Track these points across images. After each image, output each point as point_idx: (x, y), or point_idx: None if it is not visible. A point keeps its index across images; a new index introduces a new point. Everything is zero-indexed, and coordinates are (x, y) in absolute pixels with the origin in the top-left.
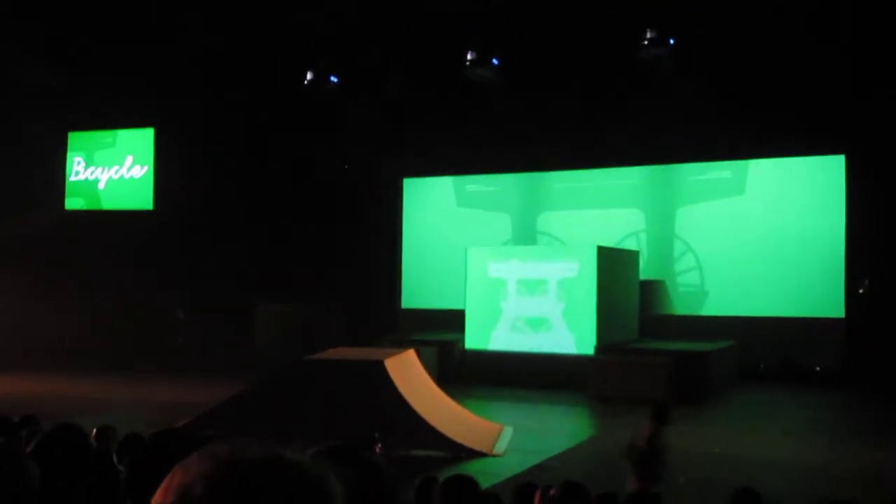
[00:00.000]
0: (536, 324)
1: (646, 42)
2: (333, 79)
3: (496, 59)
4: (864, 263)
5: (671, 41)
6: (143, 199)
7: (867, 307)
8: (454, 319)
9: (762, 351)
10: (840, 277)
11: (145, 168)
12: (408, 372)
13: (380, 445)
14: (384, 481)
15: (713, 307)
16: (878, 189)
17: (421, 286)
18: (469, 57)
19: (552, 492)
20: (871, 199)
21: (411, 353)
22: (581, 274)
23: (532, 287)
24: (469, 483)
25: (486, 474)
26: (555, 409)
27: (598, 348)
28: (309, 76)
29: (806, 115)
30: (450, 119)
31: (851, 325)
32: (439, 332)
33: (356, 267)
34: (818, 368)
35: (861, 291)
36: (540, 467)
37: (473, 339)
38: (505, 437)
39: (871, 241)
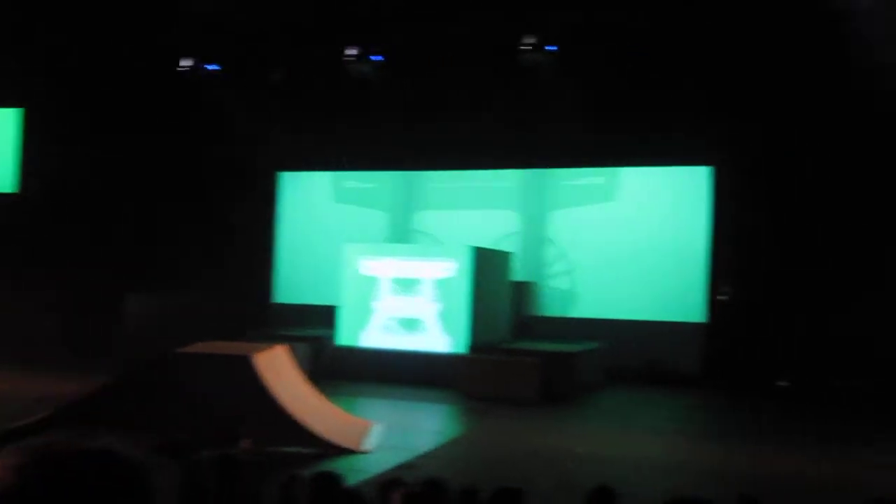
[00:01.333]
0: (410, 322)
1: (525, 47)
2: (212, 66)
3: (377, 55)
4: (725, 271)
5: (551, 48)
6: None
7: (727, 313)
8: (329, 316)
9: (628, 353)
10: (702, 284)
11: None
12: (277, 367)
13: (247, 441)
14: (242, 478)
15: (583, 309)
16: (740, 200)
17: (297, 281)
18: (349, 52)
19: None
20: (733, 210)
21: (281, 349)
22: (456, 273)
23: (406, 285)
24: (333, 480)
25: (354, 471)
26: (426, 407)
27: (470, 348)
28: (186, 63)
29: (677, 126)
30: (329, 114)
31: (712, 329)
32: (313, 328)
33: (230, 260)
34: (681, 371)
35: (721, 298)
36: (407, 465)
37: (346, 336)
38: (374, 435)
39: (732, 250)
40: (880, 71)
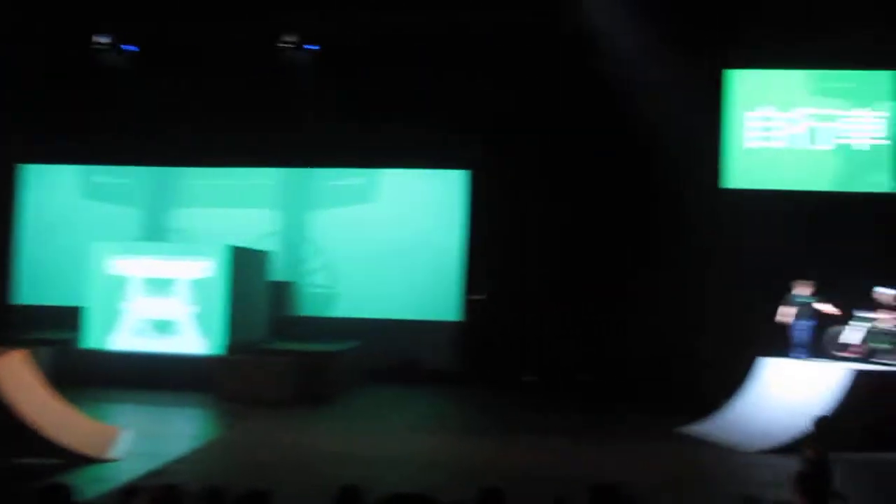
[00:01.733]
0: (163, 324)
1: (285, 45)
2: None
3: (130, 45)
4: (479, 271)
5: (311, 47)
6: None
7: (481, 312)
8: (76, 318)
9: (387, 352)
10: (459, 283)
11: None
12: (15, 374)
13: None
14: None
15: (342, 309)
16: (494, 203)
17: (41, 282)
18: (100, 40)
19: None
20: (488, 213)
21: (20, 354)
22: (212, 273)
23: (160, 285)
24: (62, 491)
25: (100, 480)
26: (180, 411)
27: (227, 349)
28: None
29: (436, 130)
30: (78, 105)
31: (468, 328)
32: (58, 330)
33: None
34: (438, 369)
35: (476, 297)
36: (157, 471)
37: (94, 339)
38: (122, 442)
39: (486, 250)
40: (621, 81)
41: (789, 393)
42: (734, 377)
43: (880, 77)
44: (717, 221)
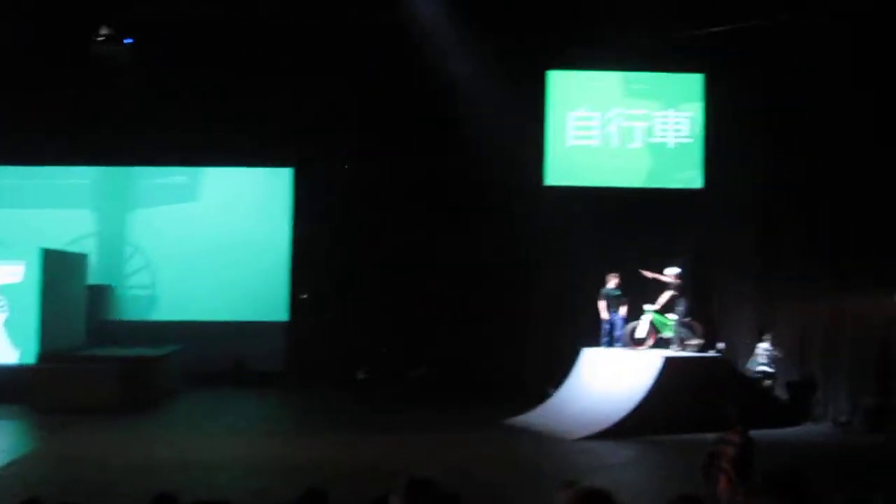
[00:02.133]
0: None
1: (101, 38)
2: None
3: None
4: (306, 270)
5: (128, 41)
6: None
7: (309, 311)
8: None
9: (211, 354)
10: (285, 283)
11: None
12: None
13: None
14: None
15: (165, 312)
16: (320, 202)
17: None
18: None
19: None
20: (314, 211)
21: None
22: (23, 277)
23: None
24: None
25: None
26: None
27: (41, 357)
28: None
29: (260, 127)
30: None
31: (295, 327)
32: None
33: None
34: (266, 370)
35: (303, 297)
36: None
37: None
38: None
39: (312, 249)
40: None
41: (609, 382)
42: (559, 368)
43: (687, 79)
44: (540, 217)
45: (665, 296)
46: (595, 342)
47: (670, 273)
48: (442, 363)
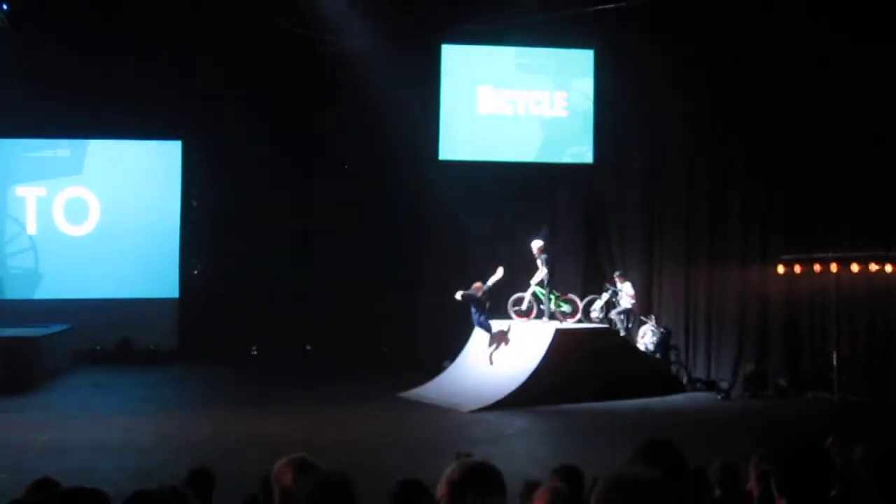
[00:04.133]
0: None
1: None
2: None
3: None
4: (197, 245)
5: (5, 7)
6: None
7: (199, 286)
8: None
9: (99, 333)
10: (175, 259)
11: None
12: None
13: None
14: None
15: (48, 290)
16: (211, 174)
17: None
18: None
19: None
20: (204, 184)
21: None
22: None
23: None
24: None
25: None
26: None
27: None
28: None
29: (147, 99)
30: None
31: (185, 303)
32: None
33: None
34: (154, 347)
35: (195, 272)
36: None
37: None
38: None
39: (203, 223)
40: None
41: (503, 353)
42: (454, 342)
43: (579, 55)
44: (435, 191)
45: (545, 269)
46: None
47: (535, 245)
48: (335, 338)
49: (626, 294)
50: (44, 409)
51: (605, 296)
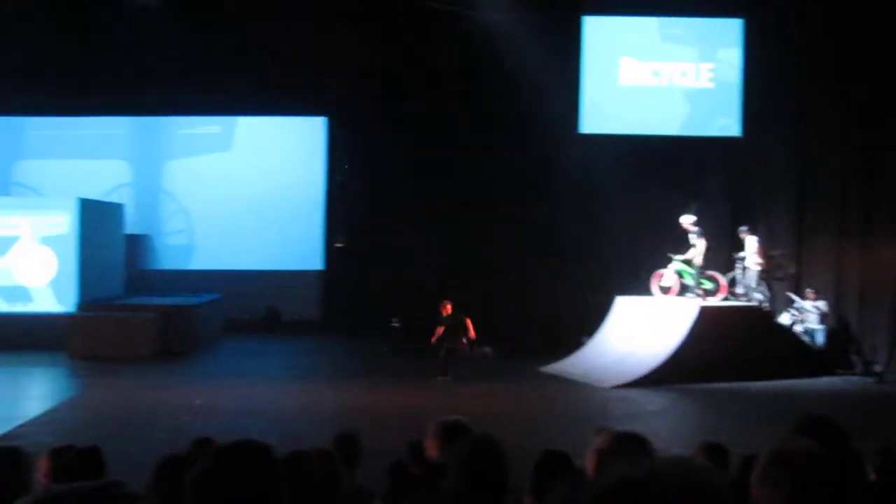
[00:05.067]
0: (10, 281)
1: None
2: None
3: None
4: (340, 219)
5: None
6: None
7: (343, 260)
8: None
9: (247, 303)
10: (319, 232)
11: None
12: None
13: None
14: None
15: (200, 261)
16: (355, 150)
17: None
18: None
19: None
20: (348, 160)
21: None
22: (62, 228)
23: (6, 241)
24: None
25: None
26: (31, 372)
27: (80, 306)
28: None
29: (293, 76)
30: None
31: (329, 276)
32: None
33: None
34: (300, 318)
35: (338, 245)
36: (10, 434)
37: None
38: None
39: (347, 198)
40: (480, 28)
41: (643, 330)
42: (593, 317)
43: (726, 24)
44: (574, 166)
45: (701, 245)
46: (630, 290)
47: (686, 221)
48: (475, 311)
49: (749, 250)
50: (197, 374)
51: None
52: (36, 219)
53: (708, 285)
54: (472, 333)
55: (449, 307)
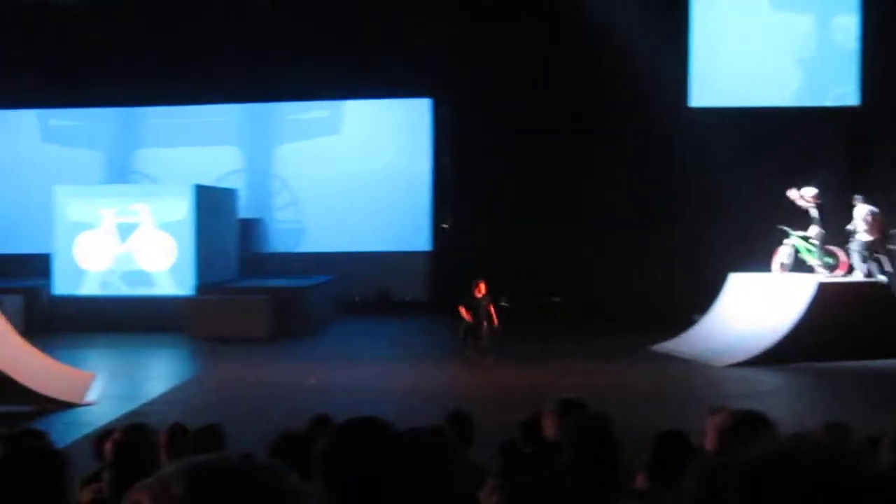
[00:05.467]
0: (131, 267)
1: None
2: None
3: None
4: (447, 200)
5: None
6: None
7: (450, 241)
8: (43, 264)
9: (357, 284)
10: (427, 213)
11: None
12: None
13: None
14: None
15: (311, 244)
16: (461, 131)
17: (4, 229)
18: None
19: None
20: (454, 141)
21: None
22: (179, 213)
23: (127, 228)
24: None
25: (78, 424)
26: (153, 353)
27: (197, 289)
28: None
29: (398, 59)
30: (34, 49)
31: (437, 257)
32: (25, 277)
33: None
34: (409, 298)
35: (445, 226)
36: (135, 413)
37: (62, 285)
38: (98, 386)
39: (454, 179)
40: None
41: (758, 308)
42: (705, 294)
43: None
44: (683, 141)
45: (820, 220)
46: (743, 267)
47: (808, 194)
48: (583, 289)
49: (859, 220)
50: (310, 355)
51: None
52: (155, 205)
53: (828, 260)
54: (494, 320)
55: (483, 287)
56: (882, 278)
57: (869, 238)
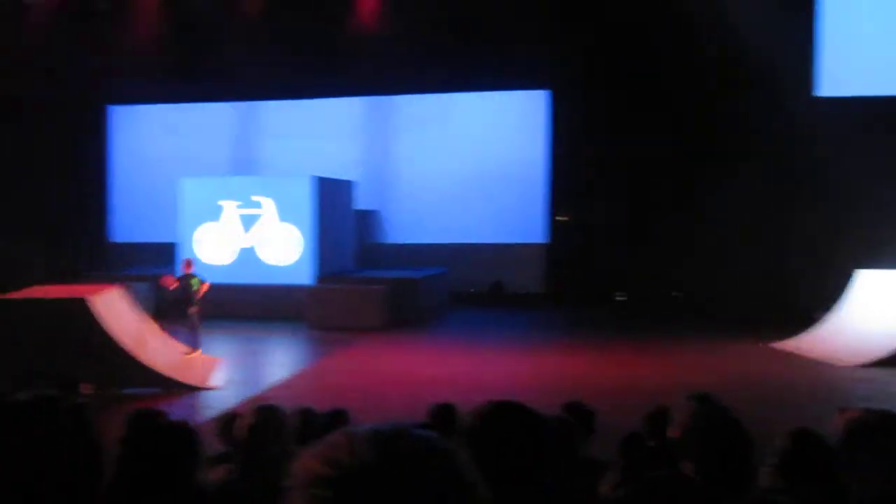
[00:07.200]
0: (254, 256)
1: None
2: None
3: None
4: (563, 193)
5: None
6: None
7: (565, 233)
8: (171, 253)
9: (472, 276)
10: (542, 206)
11: None
12: (114, 308)
13: (87, 385)
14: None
15: (427, 235)
16: (577, 123)
17: (134, 219)
18: None
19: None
20: (570, 133)
21: (117, 289)
22: (299, 204)
23: (250, 218)
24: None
25: (203, 408)
26: (274, 340)
27: (316, 278)
28: None
29: (515, 51)
30: (161, 46)
31: (552, 249)
32: (154, 266)
33: (59, 201)
34: (524, 290)
35: (560, 219)
36: (257, 397)
37: None
38: (222, 371)
39: (569, 172)
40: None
41: (888, 306)
42: (828, 291)
43: None
44: (812, 133)
45: None
46: (870, 264)
47: None
48: (702, 284)
49: None
50: (426, 346)
51: None
52: (276, 197)
53: None
54: None
55: None
56: None
57: None
